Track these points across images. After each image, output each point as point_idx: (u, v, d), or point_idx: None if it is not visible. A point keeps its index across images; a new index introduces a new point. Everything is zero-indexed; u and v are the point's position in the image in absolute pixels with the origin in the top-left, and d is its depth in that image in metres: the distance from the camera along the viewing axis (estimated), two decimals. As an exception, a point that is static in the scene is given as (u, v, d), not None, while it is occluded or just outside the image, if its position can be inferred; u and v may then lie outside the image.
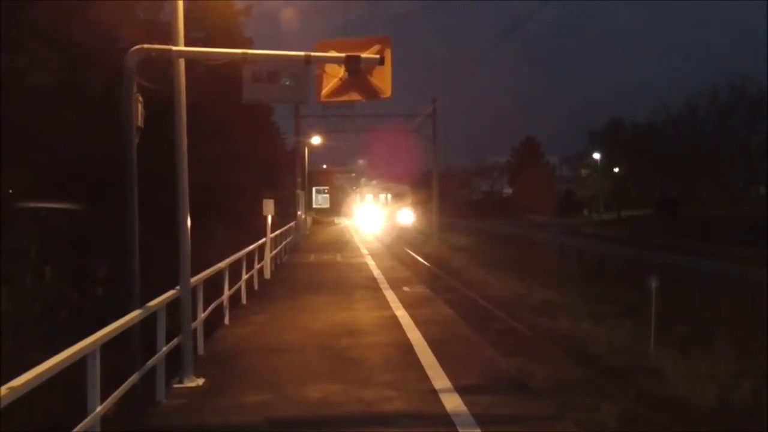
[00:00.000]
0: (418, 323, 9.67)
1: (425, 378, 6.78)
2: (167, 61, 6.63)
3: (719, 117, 46.97)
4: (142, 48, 6.28)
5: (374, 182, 48.74)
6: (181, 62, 6.70)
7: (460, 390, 6.28)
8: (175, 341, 6.68)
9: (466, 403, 5.88)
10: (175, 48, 6.52)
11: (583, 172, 72.53)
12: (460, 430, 5.28)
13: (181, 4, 6.64)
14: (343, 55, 6.35)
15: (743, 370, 11.13)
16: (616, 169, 63.53)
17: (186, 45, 6.82)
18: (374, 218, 41.19)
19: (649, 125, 53.92)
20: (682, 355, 12.17)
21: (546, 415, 5.79)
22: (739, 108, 45.82)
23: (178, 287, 6.79)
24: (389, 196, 44.43)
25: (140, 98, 6.29)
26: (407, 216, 41.99)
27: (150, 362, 6.00)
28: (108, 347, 4.86)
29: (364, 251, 23.26)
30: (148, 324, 6.17)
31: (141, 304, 6.04)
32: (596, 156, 65.82)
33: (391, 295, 12.61)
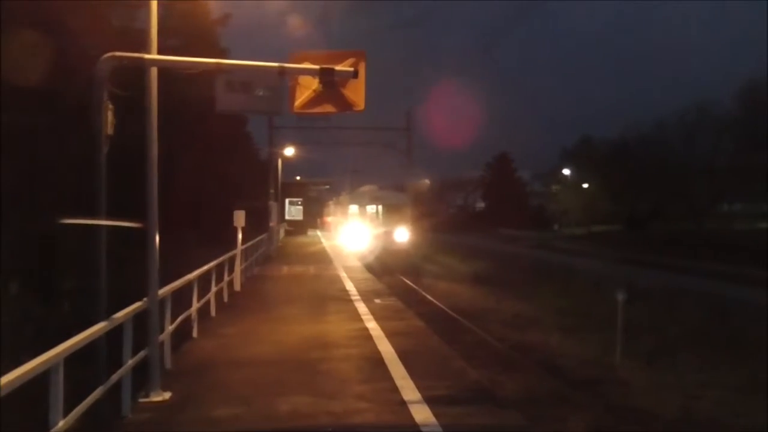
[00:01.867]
0: (390, 335, 9.67)
1: (395, 389, 6.78)
2: (140, 69, 6.57)
3: (686, 137, 48.22)
4: (114, 56, 6.22)
5: (362, 189, 37.43)
6: (154, 71, 6.66)
7: (430, 401, 6.30)
8: (141, 354, 6.56)
9: (436, 414, 5.90)
10: (147, 56, 6.48)
11: (554, 187, 73.77)
12: (429, 441, 5.30)
13: (155, 12, 6.61)
14: (317, 67, 6.39)
15: (706, 381, 11.39)
16: (586, 185, 64.71)
17: (161, 53, 6.78)
18: (360, 236, 31.88)
19: (620, 143, 55.10)
20: (649, 366, 12.40)
21: (515, 425, 5.84)
22: (705, 128, 47.13)
23: (145, 299, 6.69)
24: (380, 208, 33.56)
25: (111, 106, 6.22)
26: (403, 234, 31.96)
27: (115, 376, 5.88)
28: (74, 361, 4.77)
29: (337, 264, 23.20)
30: (117, 337, 6.07)
31: (108, 316, 5.93)
32: (567, 172, 66.94)
33: (362, 308, 12.59)
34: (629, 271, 25.65)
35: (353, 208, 34.39)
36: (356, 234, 32.20)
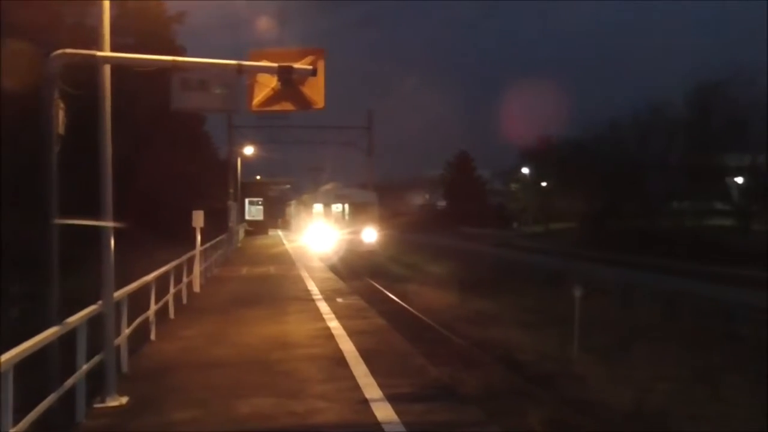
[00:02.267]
0: (351, 334, 9.68)
1: (357, 388, 6.79)
2: (93, 67, 6.41)
3: (640, 137, 49.54)
4: (65, 53, 6.05)
5: (327, 187, 34.18)
6: (107, 68, 6.50)
7: (392, 399, 6.33)
8: (96, 358, 6.40)
9: (398, 412, 5.93)
10: (99, 53, 6.32)
11: (514, 186, 75.00)
12: (390, 439, 5.33)
13: (107, 8, 6.45)
14: (275, 65, 6.34)
15: (659, 374, 11.76)
16: (545, 184, 66.00)
17: (115, 51, 6.62)
18: (325, 237, 29.70)
19: (576, 142, 56.33)
20: (604, 360, 12.73)
21: (475, 421, 5.91)
22: (658, 129, 48.51)
23: (100, 302, 6.53)
24: (347, 206, 31.19)
25: (62, 105, 6.04)
26: (371, 234, 29.93)
27: (69, 381, 5.72)
28: (27, 367, 4.64)
29: (299, 264, 23.06)
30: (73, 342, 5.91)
31: (60, 320, 5.76)
32: (526, 171, 68.10)
33: (324, 307, 12.55)
34: (586, 268, 26.30)
35: (317, 207, 31.77)
36: (321, 234, 30.02)
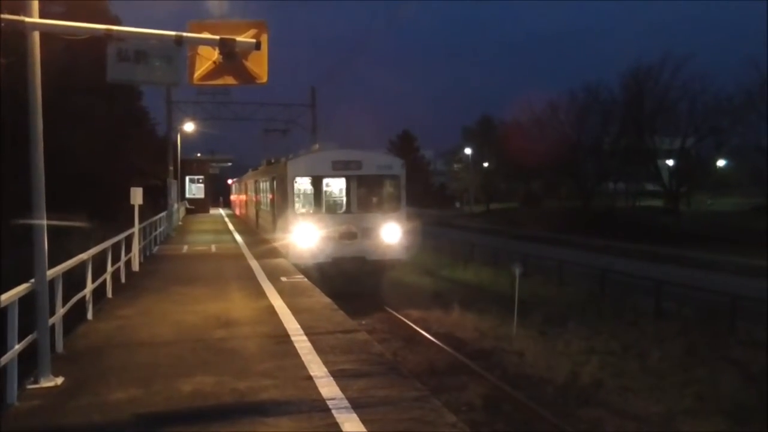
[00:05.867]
0: (296, 312, 9.66)
1: (301, 365, 6.81)
2: (19, 34, 6.06)
3: (576, 119, 50.95)
4: (-11, 18, 5.68)
5: (315, 149, 20.48)
6: (36, 36, 6.16)
7: (336, 375, 6.38)
8: (30, 338, 6.17)
9: (341, 388, 5.99)
10: (28, 19, 5.97)
11: (456, 166, 76.01)
12: (334, 413, 5.38)
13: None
14: (217, 37, 6.16)
15: (592, 347, 12.33)
16: (486, 164, 67.18)
17: (43, 19, 6.28)
18: (306, 232, 17.36)
19: (516, 124, 57.44)
20: (542, 336, 13.22)
21: (417, 396, 6.03)
22: (594, 111, 50.00)
23: (32, 280, 6.27)
24: (352, 182, 17.84)
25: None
26: (394, 233, 17.57)
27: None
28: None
29: (239, 240, 22.75)
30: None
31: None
32: (468, 151, 69.08)
33: (268, 286, 12.46)
34: (524, 246, 27.05)
35: (300, 182, 18.23)
36: (300, 228, 17.47)
